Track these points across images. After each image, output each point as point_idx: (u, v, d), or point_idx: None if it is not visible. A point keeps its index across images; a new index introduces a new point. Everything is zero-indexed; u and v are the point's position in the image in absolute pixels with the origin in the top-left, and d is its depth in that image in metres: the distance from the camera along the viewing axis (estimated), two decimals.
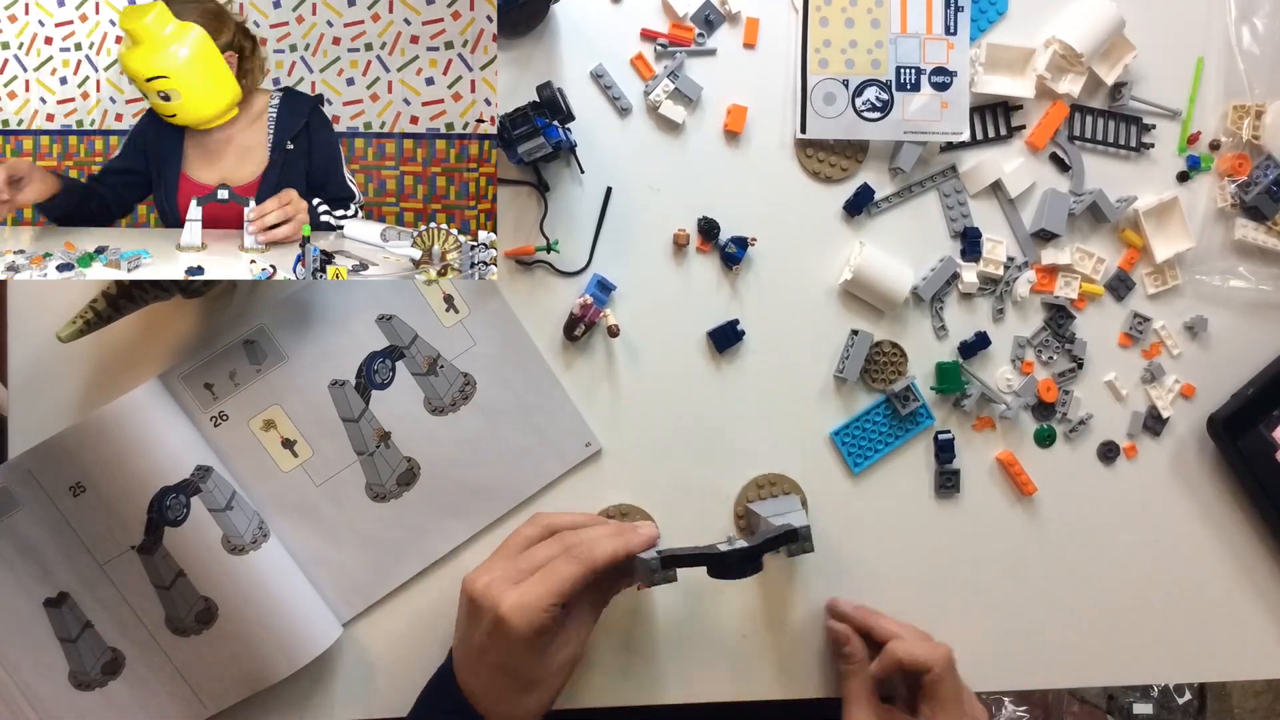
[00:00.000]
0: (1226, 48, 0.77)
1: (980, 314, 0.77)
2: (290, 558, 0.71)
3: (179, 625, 0.68)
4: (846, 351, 0.75)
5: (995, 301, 0.76)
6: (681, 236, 0.73)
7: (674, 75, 0.73)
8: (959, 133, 0.74)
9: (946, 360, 0.75)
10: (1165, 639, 0.78)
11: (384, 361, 0.72)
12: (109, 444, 0.66)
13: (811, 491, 0.75)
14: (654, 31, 0.73)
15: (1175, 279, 0.78)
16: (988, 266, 0.75)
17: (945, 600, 0.76)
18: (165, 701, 0.70)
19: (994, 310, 0.76)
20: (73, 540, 0.68)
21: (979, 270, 0.76)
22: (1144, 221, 0.76)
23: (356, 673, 0.72)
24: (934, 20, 0.73)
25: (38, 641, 0.69)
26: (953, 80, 0.73)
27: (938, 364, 0.75)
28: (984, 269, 0.76)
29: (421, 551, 0.72)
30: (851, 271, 0.73)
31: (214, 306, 0.72)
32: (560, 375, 0.73)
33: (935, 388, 0.75)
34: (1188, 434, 0.79)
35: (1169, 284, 0.77)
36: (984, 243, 0.76)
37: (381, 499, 0.72)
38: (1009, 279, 0.76)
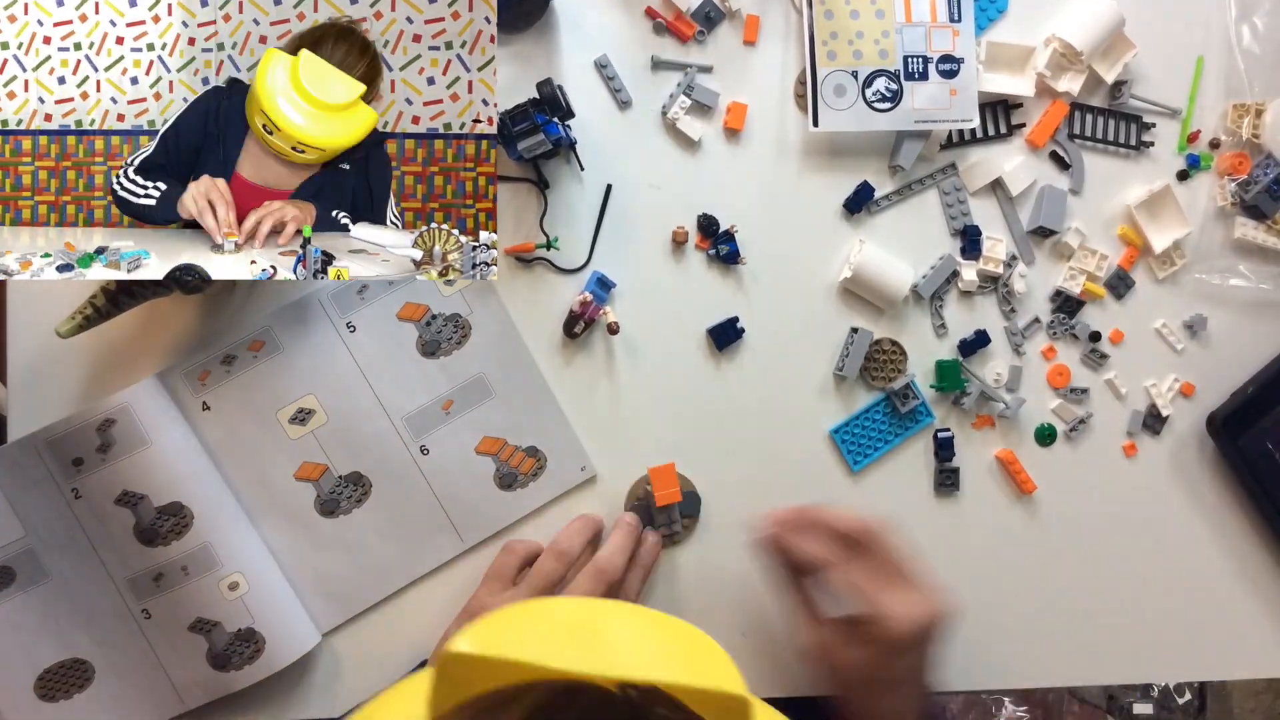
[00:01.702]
0: (1226, 46, 0.77)
1: (979, 312, 0.77)
2: (274, 562, 0.71)
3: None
4: (846, 349, 0.75)
5: (1002, 302, 0.76)
6: (680, 234, 0.73)
7: (689, 88, 0.73)
8: (969, 120, 0.73)
9: (946, 358, 0.75)
10: (1165, 639, 0.78)
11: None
12: (102, 440, 0.66)
13: (810, 489, 0.75)
14: (656, 12, 0.73)
15: (1182, 258, 0.77)
16: (988, 265, 0.75)
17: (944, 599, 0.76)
18: (145, 692, 0.69)
19: (1003, 309, 0.76)
20: (74, 527, 0.68)
21: (979, 269, 0.76)
22: (1137, 215, 0.76)
23: (331, 681, 0.72)
24: (938, 8, 0.73)
25: (17, 626, 0.69)
26: (960, 67, 0.73)
27: (937, 362, 0.75)
28: (984, 267, 0.76)
29: (408, 566, 0.72)
30: (851, 270, 0.73)
31: (213, 303, 0.72)
32: (560, 372, 0.73)
33: (935, 386, 0.75)
34: (1187, 433, 0.78)
35: (1177, 265, 0.77)
36: (984, 241, 0.76)
37: (371, 511, 0.72)
38: (1007, 278, 0.76)
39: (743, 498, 0.74)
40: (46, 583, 0.68)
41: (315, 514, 0.71)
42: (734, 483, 0.75)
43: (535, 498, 0.73)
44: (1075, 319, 0.77)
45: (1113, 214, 0.77)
